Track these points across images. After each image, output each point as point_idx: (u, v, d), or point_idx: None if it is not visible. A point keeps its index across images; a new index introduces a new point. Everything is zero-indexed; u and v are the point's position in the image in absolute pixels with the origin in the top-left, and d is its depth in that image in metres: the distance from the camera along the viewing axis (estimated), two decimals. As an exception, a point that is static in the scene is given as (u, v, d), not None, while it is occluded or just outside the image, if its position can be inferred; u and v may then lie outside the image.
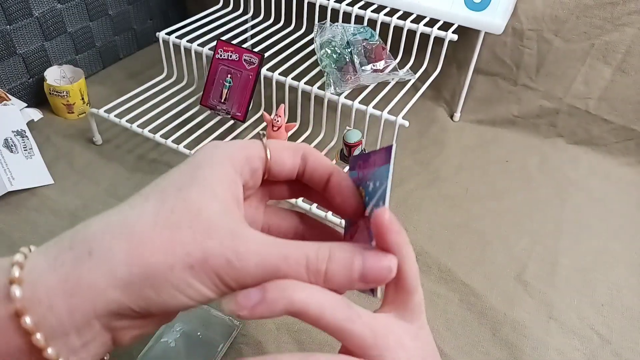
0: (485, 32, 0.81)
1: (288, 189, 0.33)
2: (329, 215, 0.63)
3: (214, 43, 0.78)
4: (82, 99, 0.87)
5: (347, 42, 0.75)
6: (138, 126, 0.75)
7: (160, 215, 0.23)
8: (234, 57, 0.75)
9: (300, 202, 0.65)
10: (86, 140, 0.82)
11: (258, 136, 0.30)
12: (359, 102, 0.71)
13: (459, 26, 0.79)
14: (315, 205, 0.63)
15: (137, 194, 0.25)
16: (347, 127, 0.70)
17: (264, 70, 0.76)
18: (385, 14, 0.80)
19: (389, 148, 0.26)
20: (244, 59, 0.75)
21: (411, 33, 0.79)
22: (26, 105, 0.82)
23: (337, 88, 0.73)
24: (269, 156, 0.28)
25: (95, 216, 0.25)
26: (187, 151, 0.71)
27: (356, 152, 0.70)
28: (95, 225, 0.24)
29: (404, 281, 0.26)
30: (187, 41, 0.81)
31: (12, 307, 0.22)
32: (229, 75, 0.76)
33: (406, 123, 0.68)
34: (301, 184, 0.31)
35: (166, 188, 0.25)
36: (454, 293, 0.62)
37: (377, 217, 0.24)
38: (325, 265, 0.24)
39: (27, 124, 0.78)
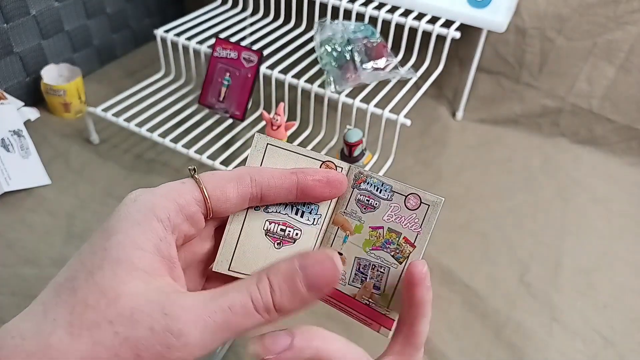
0: (488, 30, 0.81)
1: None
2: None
3: (213, 41, 0.77)
4: (79, 97, 0.86)
5: (348, 40, 0.74)
6: (135, 125, 0.74)
7: (75, 314, 0.20)
8: (232, 55, 0.74)
9: None
10: (83, 140, 0.82)
11: (190, 173, 0.26)
12: (360, 101, 0.70)
13: (461, 24, 0.78)
14: None
15: (49, 285, 0.22)
16: (348, 126, 0.69)
17: (263, 68, 0.75)
18: (386, 12, 0.79)
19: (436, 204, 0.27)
20: (243, 57, 0.74)
21: (413, 31, 0.78)
22: (23, 104, 0.81)
23: (337, 86, 0.72)
24: (207, 195, 0.25)
25: (8, 328, 0.21)
26: (184, 150, 0.71)
27: (357, 151, 0.69)
28: (9, 342, 0.21)
29: (415, 337, 0.27)
30: (186, 39, 0.80)
31: None
32: (228, 74, 0.75)
33: (408, 122, 0.67)
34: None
35: (77, 274, 0.22)
36: (456, 295, 0.61)
37: (415, 267, 0.26)
38: (270, 297, 0.22)
39: (24, 123, 0.77)
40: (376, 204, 0.28)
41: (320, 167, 0.28)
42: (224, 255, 0.28)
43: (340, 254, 0.28)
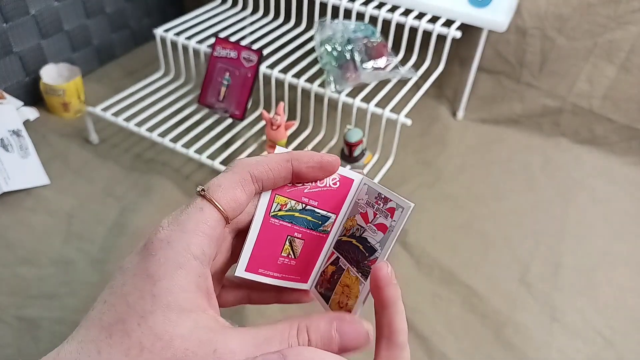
0: (489, 30, 0.80)
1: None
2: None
3: (212, 40, 0.77)
4: (79, 97, 0.86)
5: (348, 40, 0.74)
6: (135, 125, 0.74)
7: (130, 356, 0.22)
8: (232, 54, 0.74)
9: None
10: (82, 140, 0.81)
11: (200, 194, 0.26)
12: (360, 101, 0.70)
13: (461, 23, 0.78)
14: None
15: (93, 323, 0.23)
16: (348, 126, 0.69)
17: (262, 68, 0.74)
18: (387, 11, 0.79)
19: (405, 208, 0.27)
20: (243, 57, 0.74)
21: (413, 30, 0.78)
22: (22, 104, 0.81)
23: (337, 86, 0.72)
24: (223, 210, 0.26)
25: None
26: (184, 150, 0.70)
27: (357, 151, 0.69)
28: None
29: (396, 337, 0.27)
30: (185, 38, 0.80)
31: None
32: (227, 73, 0.75)
33: (408, 122, 0.67)
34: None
35: (127, 317, 0.23)
36: (456, 295, 0.61)
37: (377, 270, 0.26)
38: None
39: (23, 123, 0.77)
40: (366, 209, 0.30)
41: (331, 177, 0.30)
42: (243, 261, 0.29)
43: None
